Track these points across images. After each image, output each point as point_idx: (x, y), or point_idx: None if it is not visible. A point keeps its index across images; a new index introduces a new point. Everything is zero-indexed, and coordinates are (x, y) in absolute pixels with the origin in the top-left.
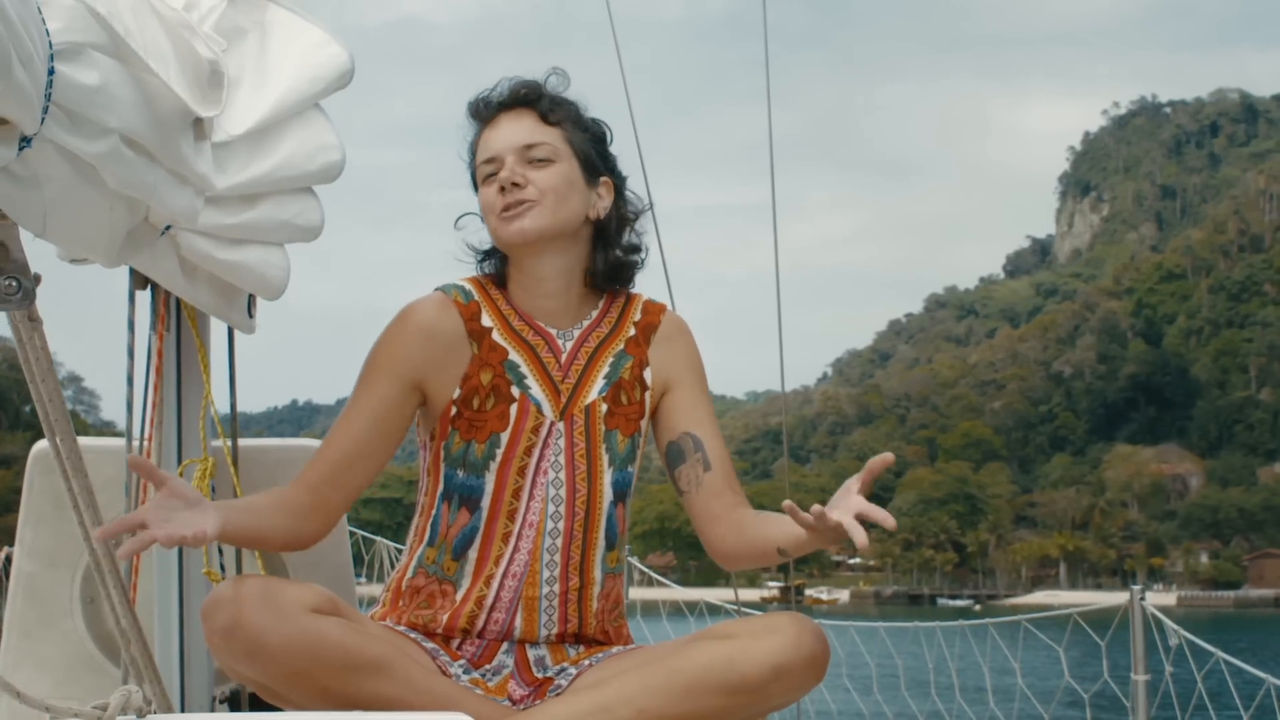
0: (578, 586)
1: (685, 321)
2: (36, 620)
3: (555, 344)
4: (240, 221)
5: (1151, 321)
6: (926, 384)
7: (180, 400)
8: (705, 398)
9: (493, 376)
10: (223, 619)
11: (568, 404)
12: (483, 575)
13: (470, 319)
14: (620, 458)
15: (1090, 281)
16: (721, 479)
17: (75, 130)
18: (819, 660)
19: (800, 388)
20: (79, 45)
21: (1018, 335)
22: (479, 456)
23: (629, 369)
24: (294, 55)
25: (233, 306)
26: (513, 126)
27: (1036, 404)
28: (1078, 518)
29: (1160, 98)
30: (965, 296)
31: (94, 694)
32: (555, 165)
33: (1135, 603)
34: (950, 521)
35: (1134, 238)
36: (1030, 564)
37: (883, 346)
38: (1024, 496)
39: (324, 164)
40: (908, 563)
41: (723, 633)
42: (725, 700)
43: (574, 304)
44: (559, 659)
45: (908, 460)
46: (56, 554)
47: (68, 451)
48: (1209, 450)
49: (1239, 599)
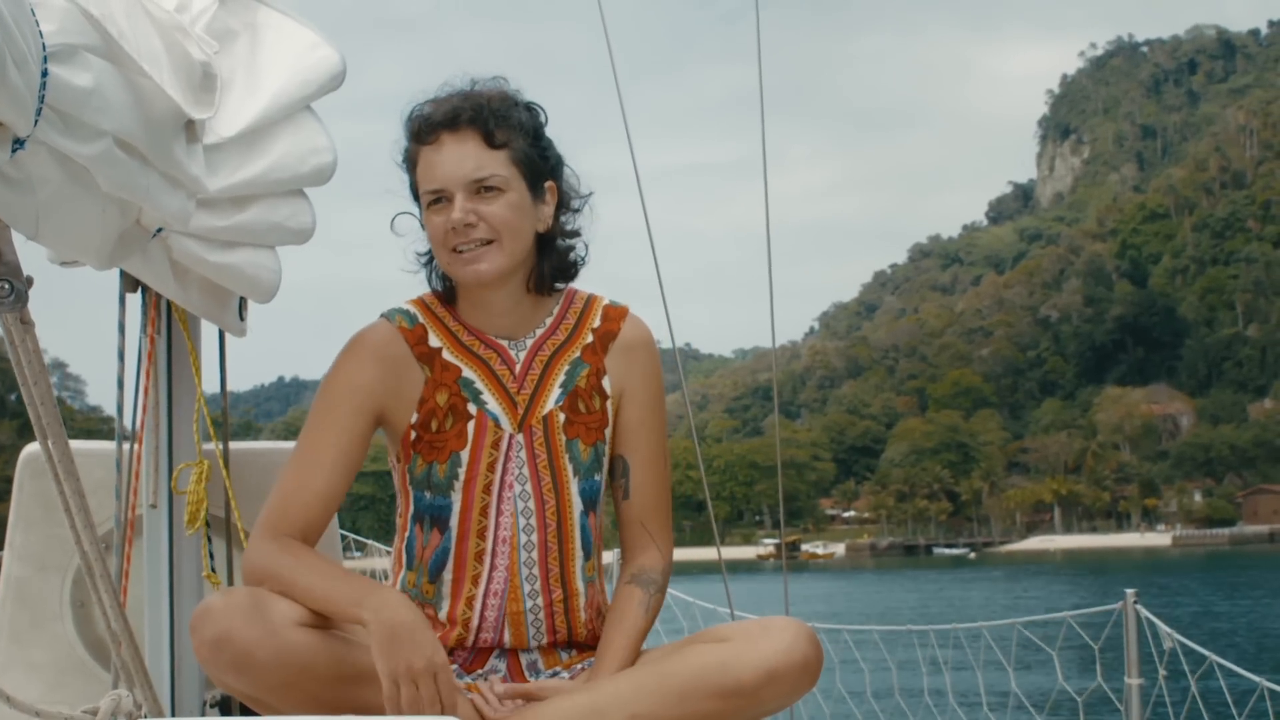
0: (562, 598)
1: (648, 329)
2: (27, 624)
3: (508, 355)
4: (231, 224)
5: (1136, 262)
6: (914, 334)
7: (171, 402)
8: (653, 418)
9: (449, 396)
10: (211, 631)
11: (525, 415)
12: (462, 597)
13: (417, 343)
14: (585, 466)
15: (1074, 225)
16: (636, 511)
17: (68, 132)
18: (813, 664)
19: (788, 343)
20: (72, 47)
21: (1003, 281)
22: (442, 477)
23: (585, 377)
24: (285, 57)
25: (224, 309)
26: (458, 153)
27: (1025, 350)
28: (1070, 462)
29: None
30: (949, 245)
31: (84, 698)
32: (505, 195)
33: (1129, 606)
34: (943, 471)
35: (1116, 179)
36: (1024, 510)
37: (869, 298)
38: (1016, 443)
39: (315, 166)
40: (902, 514)
41: (716, 636)
42: (719, 704)
43: (525, 314)
44: (551, 663)
45: (899, 411)
46: (47, 558)
47: (59, 455)
48: (1199, 389)
49: (1234, 536)
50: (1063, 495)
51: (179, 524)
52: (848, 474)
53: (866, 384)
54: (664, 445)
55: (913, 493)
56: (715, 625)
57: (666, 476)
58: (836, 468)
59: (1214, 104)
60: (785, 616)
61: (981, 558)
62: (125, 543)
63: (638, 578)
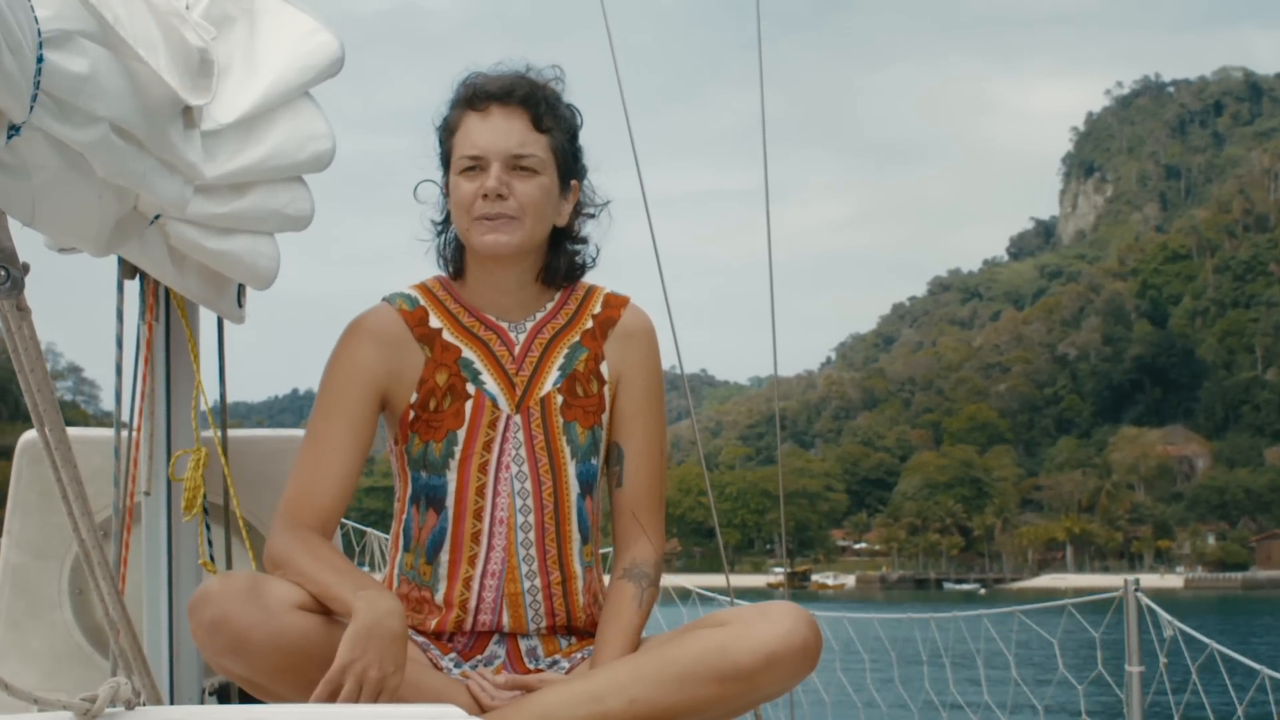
0: (560, 580)
1: (649, 318)
2: (24, 612)
3: (508, 337)
4: (230, 210)
5: (1156, 302)
6: (931, 367)
7: (170, 390)
8: (650, 406)
9: (448, 376)
10: (208, 614)
11: (523, 396)
12: (459, 578)
13: (417, 324)
14: (582, 450)
15: (1095, 263)
16: (628, 500)
17: (64, 118)
18: (811, 649)
19: (804, 372)
20: (68, 33)
21: (1022, 318)
22: (438, 455)
23: (584, 361)
24: (284, 43)
25: (222, 296)
26: (504, 127)
27: (1041, 386)
28: (1084, 500)
29: (1164, 77)
30: (969, 279)
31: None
32: (539, 178)
33: (1130, 593)
34: (956, 505)
35: (1138, 218)
36: (1037, 547)
37: (886, 330)
38: (1030, 480)
39: (314, 153)
40: (913, 547)
41: (715, 621)
42: (718, 689)
43: (528, 298)
44: (551, 650)
45: (913, 444)
46: (44, 545)
47: (56, 442)
48: (1215, 431)
49: (1247, 580)
50: (1075, 534)
51: (177, 511)
52: (860, 505)
53: (882, 416)
54: (661, 437)
55: (925, 526)
56: (715, 611)
57: (662, 468)
58: (849, 499)
59: (1239, 146)
60: (784, 601)
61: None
62: (124, 530)
63: (630, 572)
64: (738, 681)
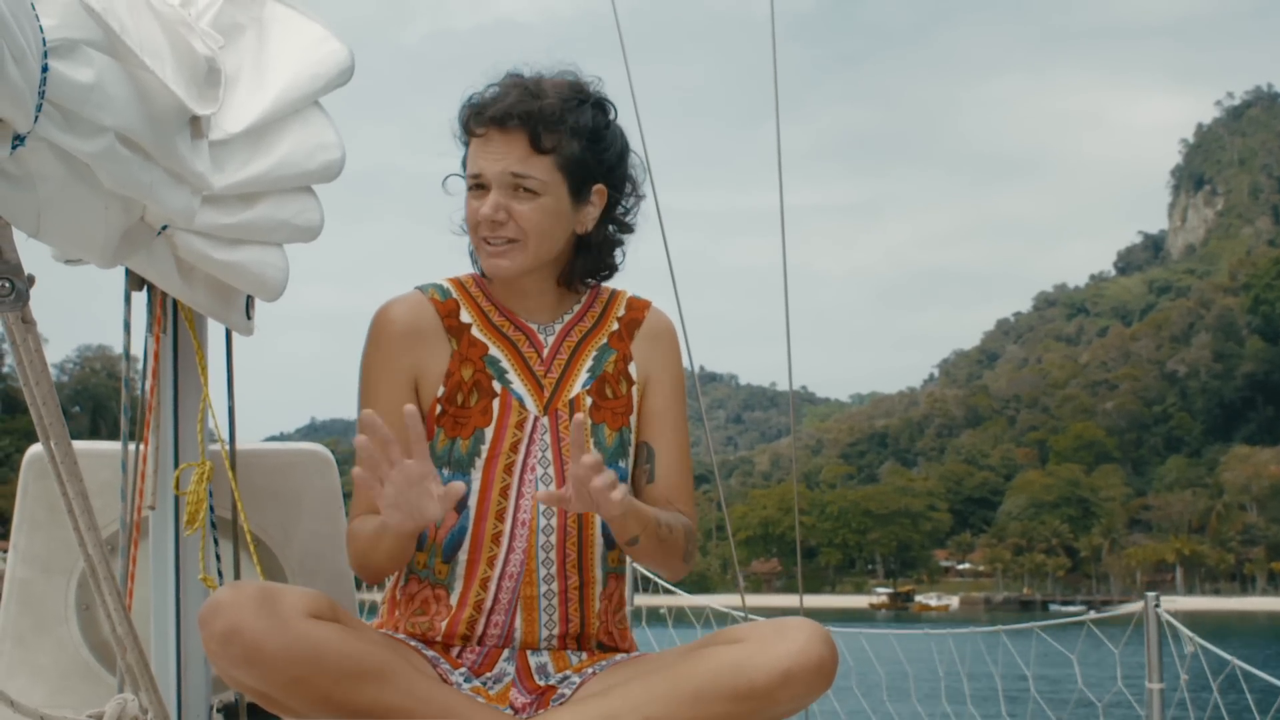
0: (577, 585)
1: (670, 320)
2: (31, 627)
3: (537, 339)
4: (238, 221)
5: (1269, 318)
6: (1036, 384)
7: (177, 403)
8: (675, 405)
9: (474, 372)
10: (220, 624)
11: (551, 398)
12: (476, 578)
13: (447, 315)
14: (610, 452)
15: (1205, 277)
16: (663, 492)
17: (69, 128)
18: (827, 666)
19: (906, 389)
20: (73, 42)
21: (1130, 334)
22: (464, 453)
23: (613, 363)
24: (293, 51)
25: (230, 308)
26: (501, 150)
27: (1150, 404)
28: (1194, 521)
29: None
30: (1075, 294)
31: (89, 702)
32: (540, 199)
33: (1149, 610)
34: (1062, 525)
35: (1250, 232)
36: (1145, 568)
37: (991, 346)
38: (1138, 499)
39: (323, 163)
40: (1018, 568)
41: (730, 638)
42: (733, 707)
43: (553, 301)
44: (561, 666)
45: (1018, 463)
46: (51, 560)
47: (62, 456)
48: None
49: None
50: (1185, 555)
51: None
52: (964, 525)
53: (986, 434)
54: (685, 432)
55: (1030, 547)
56: (729, 627)
57: (689, 462)
58: (952, 518)
59: None
60: (799, 617)
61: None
62: (130, 545)
63: None
64: (753, 700)
